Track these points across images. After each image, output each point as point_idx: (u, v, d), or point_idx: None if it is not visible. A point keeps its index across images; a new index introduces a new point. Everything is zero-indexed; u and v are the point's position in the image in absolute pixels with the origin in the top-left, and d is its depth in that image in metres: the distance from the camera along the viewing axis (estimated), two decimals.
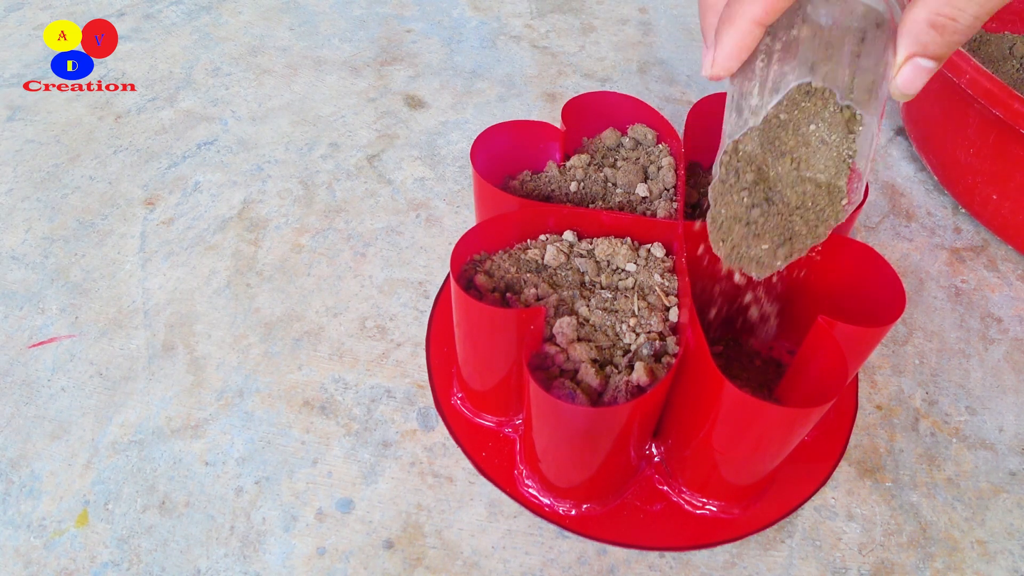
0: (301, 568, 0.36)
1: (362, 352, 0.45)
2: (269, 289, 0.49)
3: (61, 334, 0.46)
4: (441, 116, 0.63)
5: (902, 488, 0.40)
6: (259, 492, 0.39)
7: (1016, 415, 0.44)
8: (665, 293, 0.35)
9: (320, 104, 0.63)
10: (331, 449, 0.41)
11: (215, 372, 0.44)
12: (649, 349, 0.33)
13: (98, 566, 0.36)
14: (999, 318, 0.49)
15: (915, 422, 0.43)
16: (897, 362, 0.46)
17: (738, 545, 0.38)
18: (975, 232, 0.54)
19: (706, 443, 0.34)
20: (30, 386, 0.43)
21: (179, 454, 0.40)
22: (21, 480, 0.39)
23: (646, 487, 0.39)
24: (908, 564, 0.37)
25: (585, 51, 0.70)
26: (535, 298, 0.34)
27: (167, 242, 0.52)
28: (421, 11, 0.75)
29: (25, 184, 0.55)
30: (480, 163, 0.39)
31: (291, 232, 0.52)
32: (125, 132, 0.60)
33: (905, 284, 0.38)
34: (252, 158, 0.58)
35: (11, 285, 0.49)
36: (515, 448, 0.40)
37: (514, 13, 0.75)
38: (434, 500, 0.39)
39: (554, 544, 0.37)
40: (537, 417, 0.33)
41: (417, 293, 0.49)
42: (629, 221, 0.38)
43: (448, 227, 0.53)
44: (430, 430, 0.42)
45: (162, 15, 0.73)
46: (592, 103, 0.42)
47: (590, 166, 0.41)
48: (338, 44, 0.70)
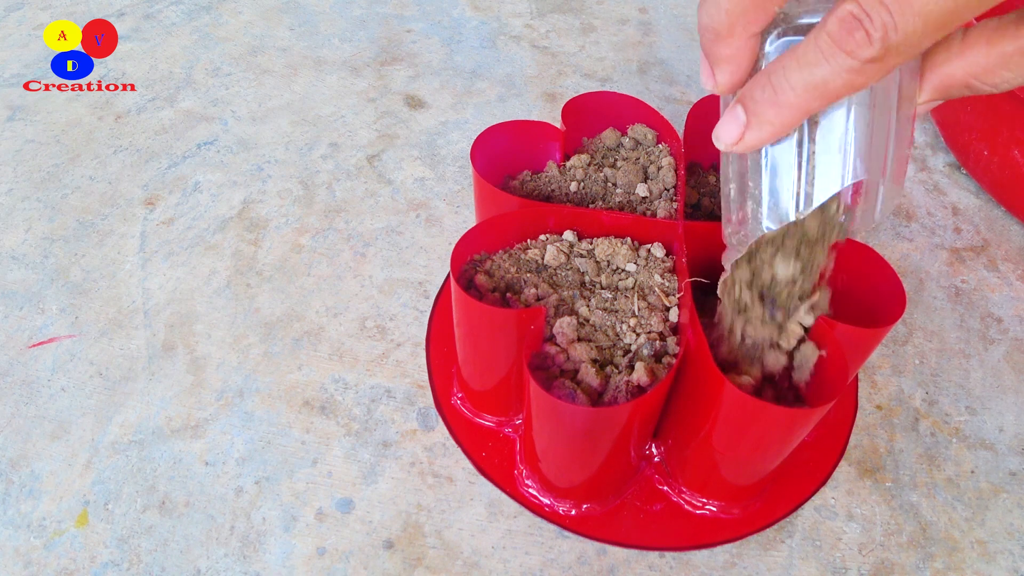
0: (301, 568, 0.36)
1: (362, 352, 0.45)
2: (269, 289, 0.49)
3: (61, 334, 0.46)
4: (441, 116, 0.63)
5: (902, 488, 0.40)
6: (259, 492, 0.39)
7: (1016, 415, 0.44)
8: (665, 293, 0.35)
9: (320, 104, 0.63)
10: (331, 449, 0.41)
11: (215, 372, 0.44)
12: (649, 349, 0.33)
13: (98, 566, 0.36)
14: (999, 318, 0.49)
15: (915, 422, 0.43)
16: (897, 362, 0.46)
17: (738, 545, 0.38)
18: (975, 232, 0.54)
19: (706, 443, 0.34)
20: (30, 386, 0.43)
21: (179, 454, 0.40)
22: (21, 480, 0.39)
23: (646, 487, 0.39)
24: (908, 564, 0.37)
25: (585, 51, 0.70)
26: (535, 298, 0.34)
27: (167, 242, 0.52)
28: (421, 11, 0.75)
29: (25, 184, 0.55)
30: (480, 163, 0.39)
31: (291, 232, 0.52)
32: (125, 132, 0.60)
33: (905, 284, 0.38)
34: (252, 158, 0.58)
35: (11, 285, 0.49)
36: (515, 448, 0.40)
37: (514, 13, 0.75)
38: (434, 500, 0.39)
39: (554, 544, 0.37)
40: (537, 417, 0.33)
41: (417, 293, 0.49)
42: (629, 221, 0.38)
43: (448, 227, 0.53)
44: (430, 430, 0.42)
45: (162, 15, 0.73)
46: (592, 103, 0.42)
47: (590, 166, 0.41)
48: (338, 44, 0.70)
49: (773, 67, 0.20)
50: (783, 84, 0.19)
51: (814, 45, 0.18)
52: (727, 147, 0.22)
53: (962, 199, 0.57)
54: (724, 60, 0.21)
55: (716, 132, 0.22)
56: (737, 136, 0.21)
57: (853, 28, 0.17)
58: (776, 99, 0.20)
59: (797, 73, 0.19)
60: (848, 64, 0.18)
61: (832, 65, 0.18)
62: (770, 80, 0.20)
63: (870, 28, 0.17)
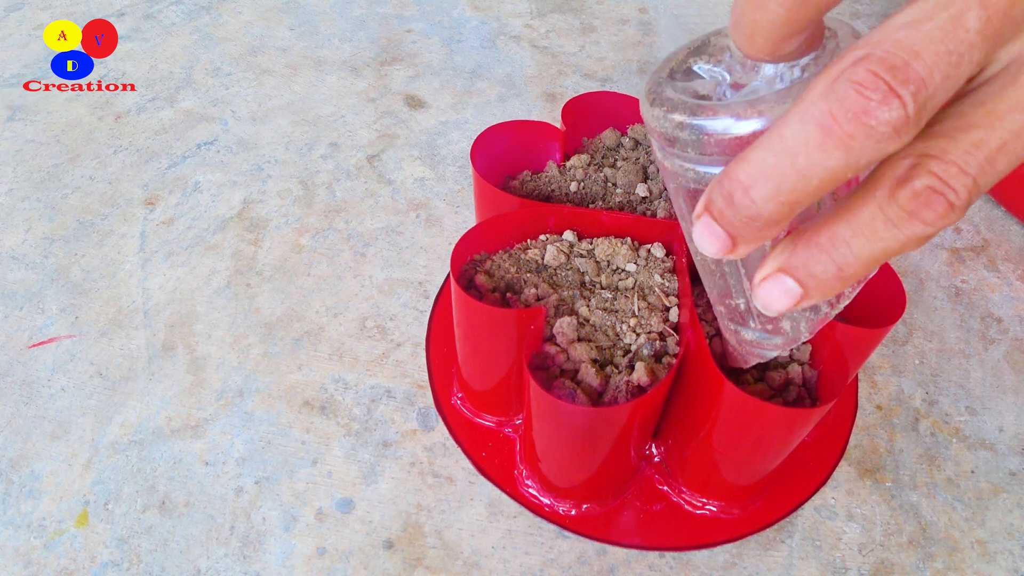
0: (301, 568, 0.36)
1: (362, 352, 0.45)
2: (269, 289, 0.49)
3: (61, 334, 0.46)
4: (441, 116, 0.63)
5: (902, 488, 0.40)
6: (259, 492, 0.39)
7: (1016, 415, 0.44)
8: (665, 293, 0.35)
9: (320, 104, 0.63)
10: (331, 449, 0.41)
11: (215, 372, 0.44)
12: (649, 349, 0.33)
13: (98, 566, 0.36)
14: (999, 318, 0.49)
15: (915, 422, 0.43)
16: (897, 362, 0.46)
17: (738, 545, 0.38)
18: (975, 232, 0.54)
19: (706, 443, 0.34)
20: (30, 386, 0.43)
21: (179, 454, 0.40)
22: (21, 480, 0.39)
23: (646, 487, 0.39)
24: (908, 564, 0.37)
25: (585, 51, 0.70)
26: (535, 298, 0.34)
27: (167, 242, 0.52)
28: (421, 11, 0.75)
29: (25, 184, 0.55)
30: (480, 163, 0.39)
31: (291, 232, 0.52)
32: (125, 132, 0.60)
33: (905, 284, 0.38)
34: (252, 158, 0.58)
35: (11, 285, 0.49)
36: (515, 448, 0.40)
37: (514, 13, 0.75)
38: (434, 500, 0.39)
39: (554, 544, 0.37)
40: (537, 417, 0.33)
41: (417, 293, 0.49)
42: (629, 221, 0.38)
43: (448, 227, 0.53)
44: (430, 430, 0.42)
45: (162, 15, 0.73)
46: (592, 103, 0.42)
47: (590, 166, 0.41)
48: (338, 44, 0.70)
49: (829, 240, 0.17)
50: (848, 259, 0.17)
51: (882, 217, 0.16)
52: (779, 314, 0.19)
53: None
54: (759, 240, 0.17)
55: (763, 302, 0.19)
56: (792, 306, 0.18)
57: (933, 201, 0.15)
58: (840, 274, 0.17)
59: (866, 247, 0.17)
60: (924, 232, 0.16)
61: (906, 235, 0.16)
62: (831, 256, 0.17)
63: (954, 199, 0.15)
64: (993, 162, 0.15)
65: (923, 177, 0.15)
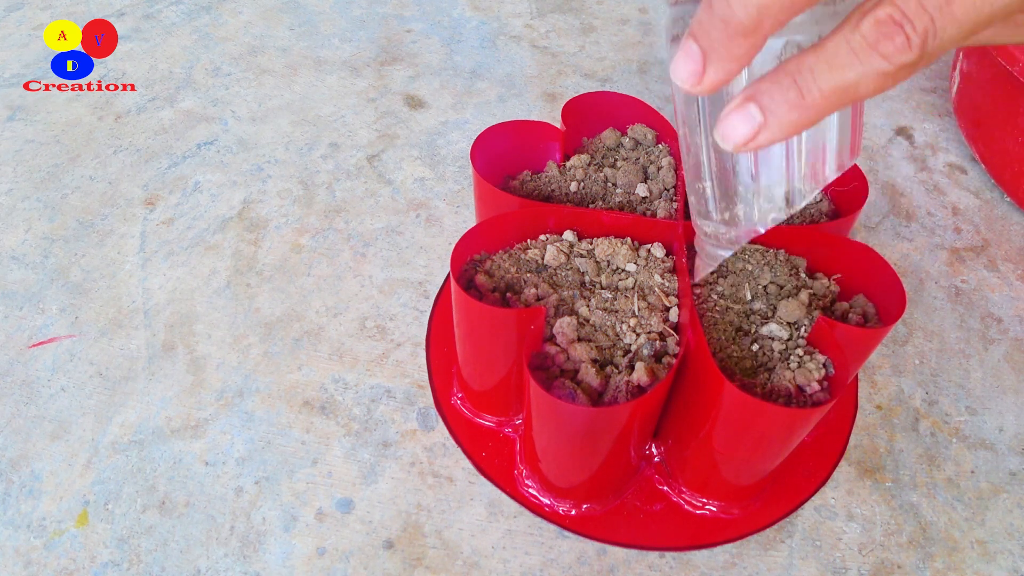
0: (301, 568, 0.36)
1: (362, 352, 0.45)
2: (269, 289, 0.49)
3: (61, 334, 0.46)
4: (441, 116, 0.63)
5: (902, 488, 0.40)
6: (259, 492, 0.39)
7: (1016, 415, 0.44)
8: (665, 293, 0.35)
9: (320, 104, 0.63)
10: (331, 449, 0.41)
11: (215, 372, 0.44)
12: (649, 349, 0.33)
13: (98, 566, 0.36)
14: (999, 318, 0.49)
15: (915, 422, 0.43)
16: (897, 362, 0.46)
17: (738, 545, 0.38)
18: (975, 232, 0.54)
19: (706, 443, 0.34)
20: (30, 386, 0.43)
21: (179, 454, 0.40)
22: (21, 480, 0.39)
23: (646, 487, 0.39)
24: (908, 564, 0.37)
25: (585, 51, 0.70)
26: (535, 298, 0.34)
27: (167, 242, 0.52)
28: (421, 11, 0.75)
29: (25, 184, 0.55)
30: (480, 163, 0.39)
31: (291, 232, 0.52)
32: (125, 132, 0.60)
33: (905, 284, 0.38)
34: (252, 158, 0.58)
35: (11, 285, 0.49)
36: (515, 448, 0.40)
37: (514, 13, 0.75)
38: (434, 500, 0.39)
39: (554, 544, 0.37)
40: (537, 417, 0.33)
41: (417, 293, 0.49)
42: (629, 221, 0.38)
43: (448, 227, 0.53)
44: (430, 430, 0.42)
45: (162, 15, 0.73)
46: (592, 103, 0.42)
47: (590, 166, 0.41)
48: (338, 44, 0.70)
49: (796, 66, 0.19)
50: (810, 85, 0.18)
51: (846, 46, 0.18)
52: (736, 147, 0.21)
53: (962, 199, 0.57)
54: (731, 59, 0.19)
55: (722, 132, 0.20)
56: (750, 136, 0.20)
57: (892, 32, 0.17)
58: (801, 101, 0.19)
59: (827, 75, 0.18)
60: (883, 68, 0.17)
61: (865, 68, 0.17)
62: (795, 81, 0.19)
63: (911, 33, 0.17)
64: (951, 3, 0.16)
65: (885, 6, 0.17)
